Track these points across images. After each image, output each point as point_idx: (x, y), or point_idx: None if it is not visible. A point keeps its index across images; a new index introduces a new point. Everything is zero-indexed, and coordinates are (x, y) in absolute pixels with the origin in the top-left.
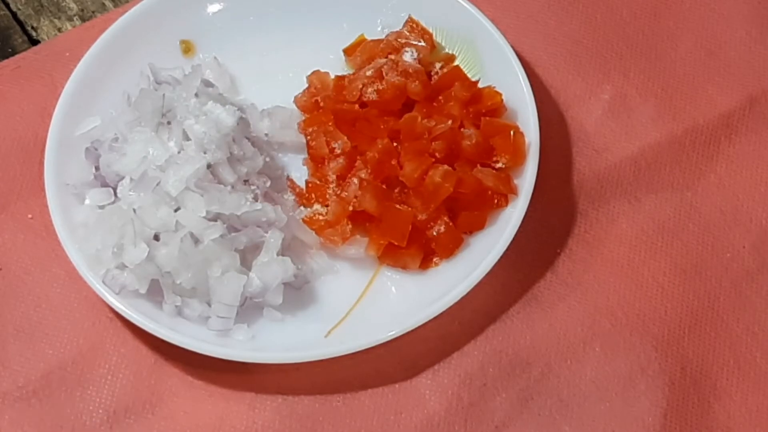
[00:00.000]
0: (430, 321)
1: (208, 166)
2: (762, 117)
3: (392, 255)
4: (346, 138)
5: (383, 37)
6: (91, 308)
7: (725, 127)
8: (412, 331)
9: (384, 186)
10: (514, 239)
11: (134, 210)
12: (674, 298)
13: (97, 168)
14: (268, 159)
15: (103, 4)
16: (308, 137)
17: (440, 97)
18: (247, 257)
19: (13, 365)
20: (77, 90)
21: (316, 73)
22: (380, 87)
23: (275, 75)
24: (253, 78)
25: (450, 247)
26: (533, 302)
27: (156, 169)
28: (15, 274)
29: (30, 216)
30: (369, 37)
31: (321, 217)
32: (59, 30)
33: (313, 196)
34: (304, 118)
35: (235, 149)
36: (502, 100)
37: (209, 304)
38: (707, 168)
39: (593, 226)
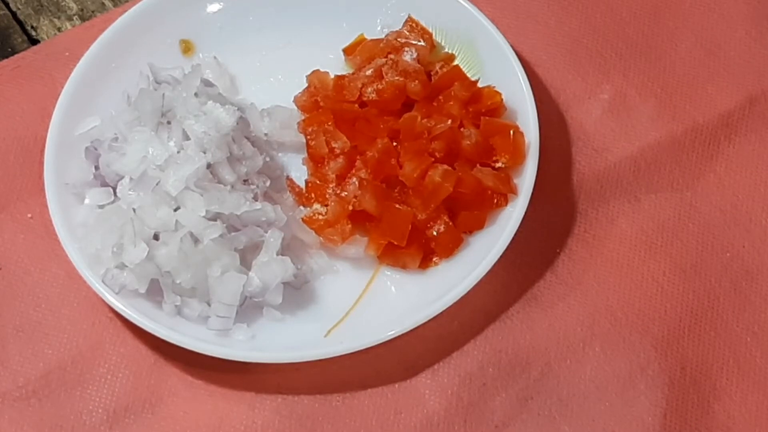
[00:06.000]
0: (429, 321)
1: (208, 165)
2: (762, 117)
3: (392, 255)
4: (345, 138)
5: (383, 36)
6: (90, 308)
7: (725, 127)
8: (412, 330)
9: (384, 186)
10: (513, 239)
11: (134, 210)
12: (674, 298)
13: (96, 168)
14: (267, 159)
15: (103, 3)
16: (308, 137)
17: (440, 97)
18: (246, 257)
19: (13, 365)
20: (77, 90)
21: (315, 72)
22: (380, 87)
23: (275, 75)
24: (253, 78)
25: (450, 246)
26: (533, 302)
27: (156, 169)
28: (15, 274)
29: (30, 216)
30: (369, 37)
31: (321, 217)
32: (59, 30)
33: (313, 195)
34: (303, 117)
35: (234, 149)
36: (501, 99)
37: (209, 304)
38: (707, 168)
39: (593, 225)
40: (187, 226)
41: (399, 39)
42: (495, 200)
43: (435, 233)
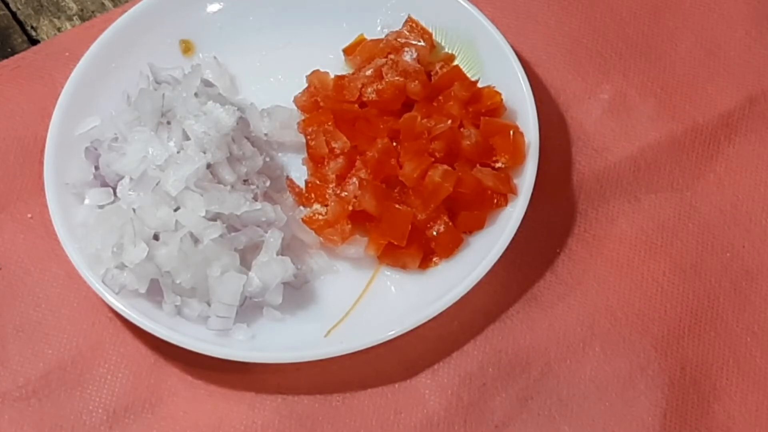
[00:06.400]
0: (429, 321)
1: (208, 165)
2: (762, 117)
3: (392, 255)
4: (345, 138)
5: (383, 36)
6: (90, 308)
7: (725, 127)
8: (412, 330)
9: (384, 186)
10: (513, 239)
11: (134, 210)
12: (674, 298)
13: (96, 168)
14: (267, 159)
15: (103, 3)
16: (308, 137)
17: (440, 97)
18: (246, 257)
19: (13, 365)
20: (77, 90)
21: (315, 72)
22: (380, 87)
23: (275, 75)
24: (253, 78)
25: (450, 246)
26: (533, 302)
27: (156, 169)
28: (15, 274)
29: (30, 216)
30: (368, 37)
31: (320, 217)
32: (59, 30)
33: (313, 195)
34: (303, 117)
35: (234, 149)
36: (501, 99)
37: (209, 304)
38: (707, 168)
39: (593, 225)
40: (187, 226)
41: (399, 39)
42: (495, 200)
43: (435, 233)
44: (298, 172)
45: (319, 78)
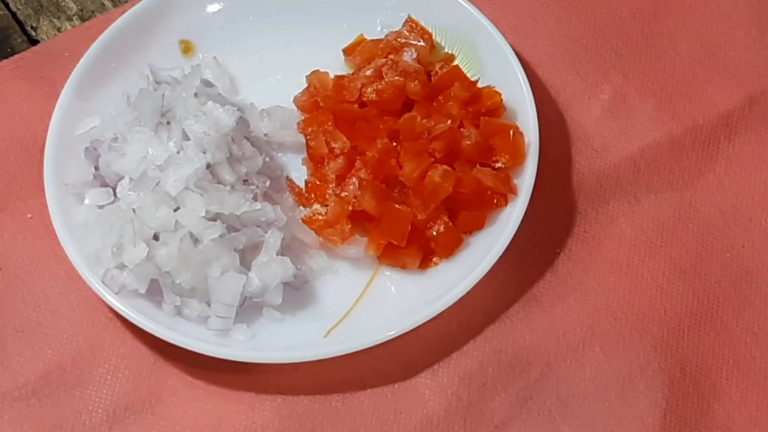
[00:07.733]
0: (429, 321)
1: (208, 166)
2: (761, 117)
3: (392, 255)
4: (345, 138)
5: (383, 36)
6: (90, 308)
7: (725, 127)
8: (412, 331)
9: (383, 186)
10: (513, 239)
11: (134, 210)
12: (674, 298)
13: (96, 168)
14: (267, 159)
15: (103, 4)
16: (308, 137)
17: (440, 97)
18: (246, 257)
19: (13, 365)
20: (77, 90)
21: (315, 73)
22: (380, 87)
23: (275, 75)
24: (253, 78)
25: (449, 246)
26: (533, 302)
27: (155, 169)
28: (15, 274)
29: (29, 216)
30: (368, 37)
31: (320, 217)
32: (59, 30)
33: (313, 195)
34: (303, 118)
35: (234, 149)
36: (501, 99)
37: (209, 304)
38: (707, 168)
39: (593, 226)
40: (187, 227)
41: (399, 39)
42: (495, 200)
43: (435, 233)
44: (298, 172)
45: (319, 78)
